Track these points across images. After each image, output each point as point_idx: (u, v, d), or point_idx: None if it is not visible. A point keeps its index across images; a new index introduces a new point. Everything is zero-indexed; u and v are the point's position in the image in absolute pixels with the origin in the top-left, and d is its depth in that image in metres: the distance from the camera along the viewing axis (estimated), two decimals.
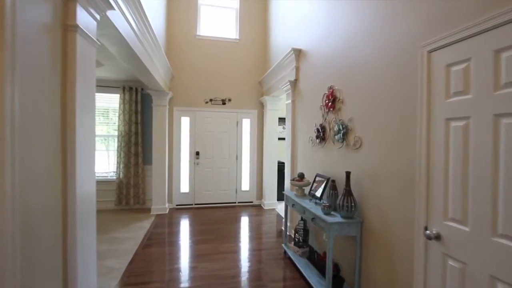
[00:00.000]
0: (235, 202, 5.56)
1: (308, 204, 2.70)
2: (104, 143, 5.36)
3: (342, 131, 2.54)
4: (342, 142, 2.56)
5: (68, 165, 1.50)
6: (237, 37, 5.48)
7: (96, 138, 5.29)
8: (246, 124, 5.59)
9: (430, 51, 1.65)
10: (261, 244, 3.58)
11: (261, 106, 5.59)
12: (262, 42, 5.60)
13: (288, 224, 3.94)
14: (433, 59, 1.64)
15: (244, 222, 4.54)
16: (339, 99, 2.65)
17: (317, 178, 2.88)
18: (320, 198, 2.66)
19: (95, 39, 1.72)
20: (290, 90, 3.88)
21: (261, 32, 5.60)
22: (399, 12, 1.91)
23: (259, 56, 5.58)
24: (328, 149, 2.88)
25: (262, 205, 5.50)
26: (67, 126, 1.50)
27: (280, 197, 5.73)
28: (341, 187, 2.54)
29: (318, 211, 2.46)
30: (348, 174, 2.30)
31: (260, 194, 5.64)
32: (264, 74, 5.35)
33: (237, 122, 5.52)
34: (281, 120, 6.13)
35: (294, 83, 3.82)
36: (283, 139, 6.87)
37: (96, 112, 5.13)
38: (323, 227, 2.30)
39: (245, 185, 5.62)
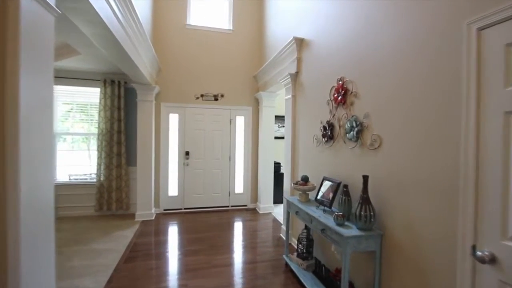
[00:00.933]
0: (228, 206, 5.17)
1: (316, 212, 2.36)
2: (86, 142, 4.87)
3: (355, 129, 2.21)
4: (356, 141, 2.23)
5: (7, 173, 1.09)
6: (231, 28, 5.09)
7: (76, 137, 4.80)
8: (240, 121, 5.21)
9: (481, 29, 1.33)
10: (259, 254, 3.21)
11: (256, 103, 5.22)
12: (257, 33, 5.22)
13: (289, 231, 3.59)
14: (485, 38, 1.32)
15: (239, 228, 4.17)
16: (352, 92, 2.31)
17: (325, 182, 2.54)
18: (330, 205, 2.32)
19: (52, 5, 1.30)
20: (291, 84, 3.53)
21: (257, 22, 5.23)
22: None
23: (254, 49, 5.20)
24: (337, 149, 2.54)
25: (257, 208, 5.14)
26: (5, 122, 1.09)
27: (277, 200, 5.39)
28: (355, 193, 2.21)
29: (329, 221, 2.12)
30: (365, 178, 1.97)
31: (255, 197, 5.27)
32: (260, 67, 4.99)
33: (231, 120, 5.13)
34: (278, 118, 5.79)
35: (295, 76, 3.47)
36: (280, 138, 6.55)
37: (75, 108, 4.67)
38: (337, 241, 1.96)
39: (239, 187, 5.24)
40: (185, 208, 4.95)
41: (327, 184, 2.50)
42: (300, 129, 3.37)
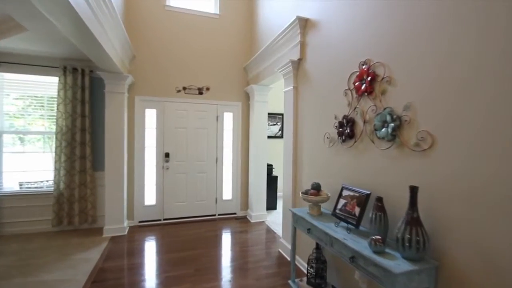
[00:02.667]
0: (215, 215, 4.55)
1: (337, 232, 1.83)
2: (48, 142, 4.02)
3: (391, 125, 1.70)
4: (392, 140, 1.72)
5: None
6: (217, 12, 4.47)
7: (34, 137, 3.95)
8: (228, 119, 4.61)
9: None
10: (258, 279, 2.64)
11: (247, 97, 4.64)
12: (248, 18, 4.64)
13: (290, 247, 3.05)
14: None
15: (229, 243, 3.57)
16: (383, 78, 1.81)
17: (345, 192, 2.02)
18: (357, 223, 1.80)
19: None
20: (292, 73, 2.99)
21: (248, 6, 4.64)
22: None
23: (244, 36, 4.62)
24: (360, 150, 2.03)
25: (248, 217, 4.56)
26: None
27: (270, 206, 4.86)
28: (391, 208, 1.70)
29: (360, 246, 1.60)
30: (414, 190, 1.46)
31: (245, 204, 4.68)
32: (250, 58, 4.41)
33: (217, 117, 4.52)
34: (268, 115, 5.25)
35: (298, 64, 2.94)
36: (271, 137, 6.04)
37: (34, 103, 3.82)
38: (378, 276, 1.44)
39: (227, 193, 4.63)
40: (164, 219, 4.27)
41: (349, 195, 1.98)
42: (305, 126, 2.84)
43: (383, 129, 1.77)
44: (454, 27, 1.37)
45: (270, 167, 5.00)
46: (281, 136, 6.13)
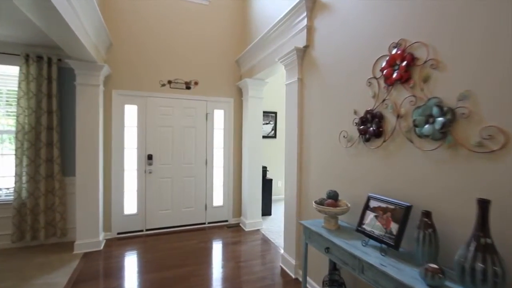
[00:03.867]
0: (204, 223, 4.09)
1: (369, 255, 1.46)
2: (13, 142, 3.40)
3: (439, 119, 1.34)
4: (441, 139, 1.37)
5: None
6: None
7: None
8: (218, 116, 4.17)
9: None
10: None
11: (239, 93, 4.22)
12: (241, 6, 4.21)
13: (294, 262, 2.66)
14: None
15: (222, 257, 3.13)
16: (425, 62, 1.45)
17: (374, 203, 1.65)
18: (397, 244, 1.43)
19: None
20: (296, 63, 2.61)
21: None
22: None
23: (237, 26, 4.19)
24: (391, 151, 1.67)
25: (241, 225, 4.13)
26: None
27: (265, 211, 4.47)
28: (443, 226, 1.35)
29: (407, 277, 1.23)
30: (484, 205, 1.10)
31: (238, 211, 4.26)
32: (243, 50, 3.99)
33: (207, 114, 4.07)
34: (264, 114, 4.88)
35: (303, 53, 2.56)
36: (265, 137, 5.69)
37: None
38: None
39: (218, 199, 4.19)
40: (147, 230, 3.77)
41: (379, 207, 1.61)
42: (312, 124, 2.46)
43: (427, 125, 1.41)
44: None
45: (264, 170, 4.60)
46: (274, 136, 5.76)
